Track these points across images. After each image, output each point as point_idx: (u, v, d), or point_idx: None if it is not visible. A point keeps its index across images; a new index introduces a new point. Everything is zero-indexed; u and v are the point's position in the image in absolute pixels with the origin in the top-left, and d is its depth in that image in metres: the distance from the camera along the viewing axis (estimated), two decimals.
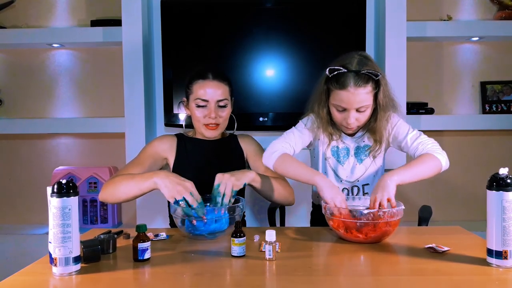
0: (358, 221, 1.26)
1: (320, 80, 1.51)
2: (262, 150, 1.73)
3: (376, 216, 1.25)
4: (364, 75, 1.39)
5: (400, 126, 1.52)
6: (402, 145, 1.51)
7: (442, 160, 1.44)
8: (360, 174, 1.57)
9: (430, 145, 1.46)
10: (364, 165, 1.57)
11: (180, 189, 1.31)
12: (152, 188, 1.38)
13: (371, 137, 1.55)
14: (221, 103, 1.59)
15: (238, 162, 1.67)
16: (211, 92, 1.58)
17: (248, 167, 1.72)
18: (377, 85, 1.43)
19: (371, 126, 1.51)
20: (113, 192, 1.44)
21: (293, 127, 1.61)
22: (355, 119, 1.45)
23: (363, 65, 1.41)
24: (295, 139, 1.56)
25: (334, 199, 1.32)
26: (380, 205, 1.29)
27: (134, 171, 1.54)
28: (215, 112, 1.58)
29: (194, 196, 1.32)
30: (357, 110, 1.43)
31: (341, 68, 1.40)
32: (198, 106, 1.59)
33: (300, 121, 1.61)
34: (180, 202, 1.31)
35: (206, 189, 1.45)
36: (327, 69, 1.43)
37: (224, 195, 1.36)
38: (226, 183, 1.37)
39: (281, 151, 1.49)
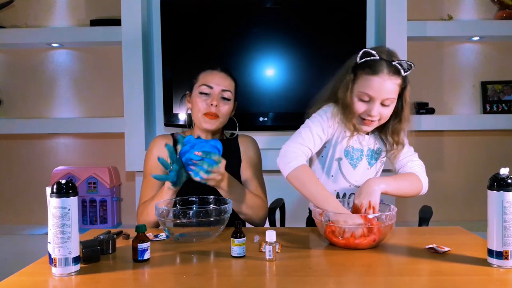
0: (355, 226, 1.21)
1: (343, 69, 1.41)
2: (259, 157, 1.68)
3: (369, 220, 1.21)
4: (395, 66, 1.32)
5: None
6: (394, 156, 1.48)
7: (424, 185, 1.41)
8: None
9: (418, 167, 1.43)
10: (372, 170, 1.50)
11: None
12: (171, 192, 1.41)
13: (381, 139, 1.49)
14: (225, 95, 1.57)
15: (235, 164, 1.63)
16: (217, 80, 1.57)
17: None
18: (404, 81, 1.37)
19: (395, 127, 1.43)
20: (149, 223, 1.47)
21: (309, 122, 1.41)
22: (378, 113, 1.35)
23: (393, 57, 1.35)
24: (313, 139, 1.37)
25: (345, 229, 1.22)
26: (364, 211, 1.26)
27: (150, 193, 1.54)
28: (217, 101, 1.55)
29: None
30: (382, 104, 1.34)
31: (375, 54, 1.33)
32: (202, 93, 1.56)
33: (317, 114, 1.43)
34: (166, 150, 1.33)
35: (202, 190, 1.45)
36: (360, 53, 1.34)
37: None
38: (210, 175, 1.34)
39: (299, 162, 1.31)
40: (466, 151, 2.67)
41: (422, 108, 2.49)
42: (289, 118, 1.63)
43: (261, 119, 2.42)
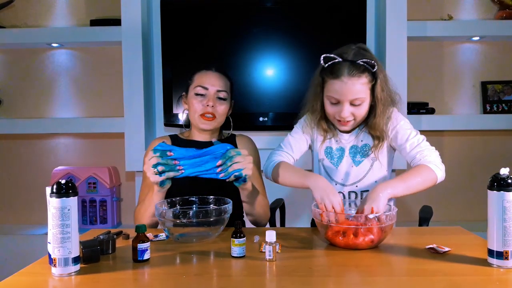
0: (355, 226, 1.21)
1: (315, 72, 1.46)
2: (257, 157, 1.68)
3: (368, 220, 1.21)
4: (359, 65, 1.33)
5: (402, 128, 1.44)
6: (401, 149, 1.45)
7: (438, 174, 1.36)
8: (357, 178, 1.48)
9: (428, 156, 1.38)
10: (361, 168, 1.48)
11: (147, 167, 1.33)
12: (161, 194, 1.41)
13: (370, 135, 1.47)
14: (221, 95, 1.57)
15: None
16: (212, 81, 1.57)
17: None
18: (374, 77, 1.37)
19: (371, 122, 1.44)
20: (146, 221, 1.48)
21: (288, 134, 1.57)
22: (350, 114, 1.38)
23: (360, 56, 1.35)
24: (292, 147, 1.52)
25: (325, 199, 1.25)
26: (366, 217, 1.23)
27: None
28: (213, 101, 1.55)
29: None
30: (352, 104, 1.37)
31: (336, 57, 1.35)
32: (197, 95, 1.57)
33: (294, 126, 1.58)
34: (158, 168, 1.31)
35: (200, 191, 1.45)
36: (322, 57, 1.37)
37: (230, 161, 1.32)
38: (245, 161, 1.32)
39: (278, 160, 1.47)
40: (466, 151, 2.67)
41: (422, 108, 2.49)
42: (289, 118, 1.62)
43: (261, 119, 2.41)
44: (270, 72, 2.42)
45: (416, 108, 2.48)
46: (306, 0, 2.42)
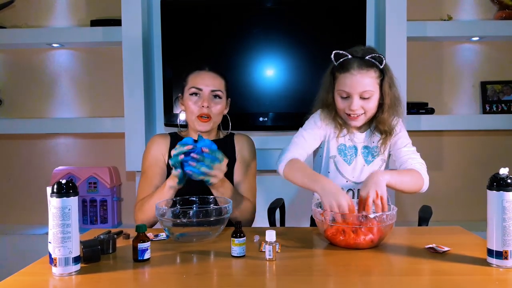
0: (356, 225, 1.22)
1: (326, 72, 1.52)
2: (253, 158, 1.68)
3: (370, 219, 1.22)
4: (368, 61, 1.41)
5: (402, 137, 1.52)
6: (396, 153, 1.51)
7: (425, 183, 1.44)
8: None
9: (419, 164, 1.46)
10: (372, 167, 1.52)
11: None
12: (172, 191, 1.43)
13: (380, 134, 1.52)
14: (215, 94, 1.58)
15: (229, 162, 1.58)
16: (205, 81, 1.57)
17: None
18: (382, 73, 1.44)
19: (379, 118, 1.49)
20: (148, 218, 1.48)
21: (300, 129, 1.55)
22: (360, 107, 1.43)
23: (368, 54, 1.42)
24: (306, 142, 1.51)
25: (333, 205, 1.24)
26: (370, 203, 1.26)
27: (148, 189, 1.54)
28: (208, 102, 1.55)
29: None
30: (362, 97, 1.42)
31: (346, 53, 1.43)
32: (192, 95, 1.57)
33: (307, 121, 1.57)
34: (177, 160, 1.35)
35: (198, 190, 1.45)
36: (332, 54, 1.45)
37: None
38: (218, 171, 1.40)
39: (290, 157, 1.44)
40: (465, 151, 2.67)
41: (422, 108, 2.49)
42: (289, 118, 1.62)
43: (261, 119, 2.42)
44: (270, 72, 2.43)
45: (415, 108, 2.48)
46: (306, 0, 2.42)
